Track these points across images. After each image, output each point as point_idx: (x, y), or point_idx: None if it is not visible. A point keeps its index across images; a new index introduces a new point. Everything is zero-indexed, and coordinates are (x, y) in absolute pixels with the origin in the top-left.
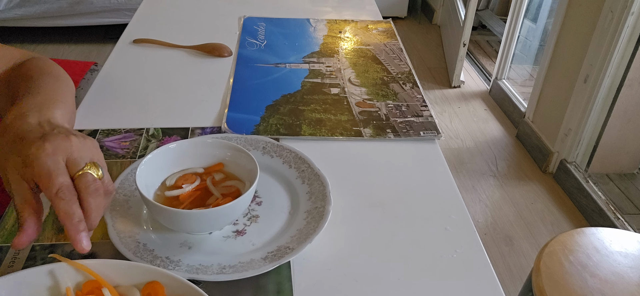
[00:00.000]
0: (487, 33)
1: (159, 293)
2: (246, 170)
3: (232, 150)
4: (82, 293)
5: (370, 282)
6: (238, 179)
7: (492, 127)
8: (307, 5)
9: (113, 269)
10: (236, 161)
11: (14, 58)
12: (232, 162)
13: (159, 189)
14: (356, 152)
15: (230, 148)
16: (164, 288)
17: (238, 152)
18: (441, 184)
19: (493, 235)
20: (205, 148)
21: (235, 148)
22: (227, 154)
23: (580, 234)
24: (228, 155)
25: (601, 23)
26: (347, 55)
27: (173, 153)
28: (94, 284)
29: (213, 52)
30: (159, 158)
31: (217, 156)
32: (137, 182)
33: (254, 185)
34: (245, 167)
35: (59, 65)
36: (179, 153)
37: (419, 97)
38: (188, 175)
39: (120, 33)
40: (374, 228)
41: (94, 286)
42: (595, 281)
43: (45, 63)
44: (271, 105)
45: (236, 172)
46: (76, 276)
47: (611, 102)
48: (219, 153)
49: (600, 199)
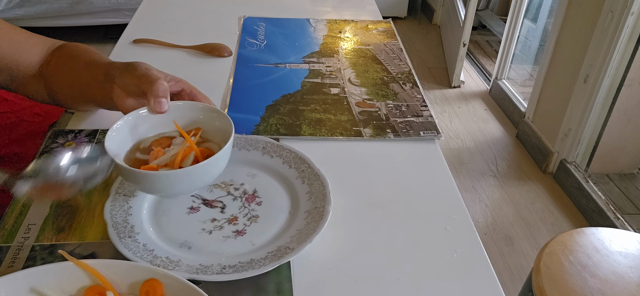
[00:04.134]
0: (487, 33)
1: (158, 290)
2: (222, 133)
3: (207, 112)
4: None
5: (370, 282)
6: (215, 143)
7: (492, 127)
8: (307, 5)
9: (113, 270)
10: (213, 124)
11: (47, 44)
12: (208, 126)
13: (130, 152)
14: (356, 152)
15: (205, 110)
16: (162, 285)
17: (214, 113)
18: (441, 184)
19: (493, 235)
20: (179, 112)
21: (211, 109)
22: (200, 117)
23: (580, 234)
24: (201, 118)
25: (601, 23)
26: (347, 55)
27: (146, 119)
28: (96, 289)
29: (213, 52)
30: (130, 123)
31: (193, 120)
32: (107, 145)
33: (229, 142)
34: (221, 130)
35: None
36: (154, 119)
37: (419, 97)
38: (163, 139)
39: (120, 33)
40: (374, 228)
41: (97, 291)
42: (595, 281)
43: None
44: (271, 105)
45: (213, 137)
46: (78, 277)
47: (611, 102)
48: (193, 116)
49: (600, 199)
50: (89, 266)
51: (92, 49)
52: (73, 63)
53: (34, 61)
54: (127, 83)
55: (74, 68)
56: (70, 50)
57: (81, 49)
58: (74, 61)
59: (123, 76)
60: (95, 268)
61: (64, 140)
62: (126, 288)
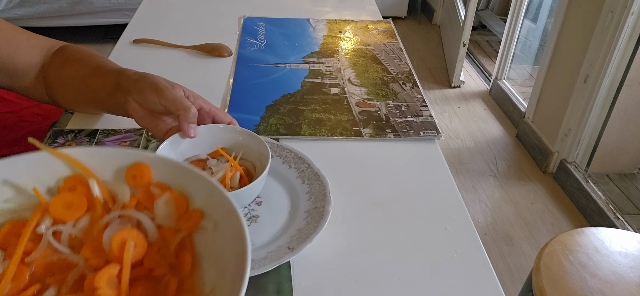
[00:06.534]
0: (487, 33)
1: (145, 174)
2: (257, 153)
3: (243, 136)
4: (64, 188)
5: (370, 282)
6: (249, 161)
7: (492, 127)
8: (307, 5)
9: (93, 157)
10: (247, 145)
11: (47, 45)
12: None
13: None
14: (356, 152)
15: (240, 133)
16: (149, 168)
17: (244, 134)
18: (441, 184)
19: (493, 235)
20: (214, 135)
21: (246, 133)
22: (239, 139)
23: (580, 234)
24: (239, 140)
25: (601, 23)
26: (347, 55)
27: (179, 143)
28: (77, 178)
29: (213, 52)
30: (168, 148)
31: (229, 141)
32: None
33: (268, 163)
34: (255, 150)
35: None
36: (189, 142)
37: (419, 97)
38: (194, 162)
39: (120, 33)
40: (374, 228)
41: (78, 180)
42: (595, 281)
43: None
44: (271, 105)
45: (247, 157)
46: (56, 168)
47: (611, 102)
48: (229, 138)
49: (600, 199)
50: (65, 154)
51: (95, 52)
52: (77, 66)
53: (34, 61)
54: (149, 101)
55: (79, 72)
56: (73, 53)
57: (84, 52)
58: (78, 64)
59: (145, 94)
60: (72, 156)
61: (64, 140)
62: (111, 175)
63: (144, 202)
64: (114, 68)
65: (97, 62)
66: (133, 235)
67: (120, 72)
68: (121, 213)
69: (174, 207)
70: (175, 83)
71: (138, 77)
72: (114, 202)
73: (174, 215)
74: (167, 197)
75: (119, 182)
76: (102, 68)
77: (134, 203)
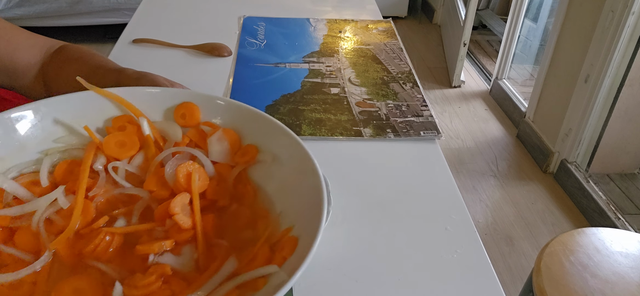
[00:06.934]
0: (487, 33)
1: (195, 113)
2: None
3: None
4: (113, 128)
5: (370, 282)
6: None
7: (492, 127)
8: (307, 5)
9: (141, 97)
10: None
11: (46, 45)
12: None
13: None
14: (356, 152)
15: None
16: (198, 108)
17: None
18: (441, 184)
19: (493, 235)
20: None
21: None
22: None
23: (581, 234)
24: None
25: (602, 23)
26: (347, 55)
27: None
28: (125, 118)
29: (213, 51)
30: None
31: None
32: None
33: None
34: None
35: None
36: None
37: (419, 96)
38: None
39: (119, 33)
40: (374, 228)
41: (126, 120)
42: (596, 282)
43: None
44: (271, 105)
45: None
46: (104, 108)
47: (612, 102)
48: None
49: (600, 199)
50: (114, 94)
51: (94, 51)
52: (76, 66)
53: (33, 61)
54: None
55: (79, 71)
56: (73, 53)
57: (84, 51)
58: (78, 64)
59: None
60: (122, 96)
61: None
62: (160, 115)
63: (195, 140)
64: (113, 67)
65: (96, 61)
66: (196, 167)
67: (120, 71)
68: (175, 150)
69: (228, 144)
70: (175, 82)
71: (138, 76)
72: (164, 141)
73: (228, 150)
74: (220, 134)
75: (168, 122)
76: (102, 67)
77: (187, 141)
